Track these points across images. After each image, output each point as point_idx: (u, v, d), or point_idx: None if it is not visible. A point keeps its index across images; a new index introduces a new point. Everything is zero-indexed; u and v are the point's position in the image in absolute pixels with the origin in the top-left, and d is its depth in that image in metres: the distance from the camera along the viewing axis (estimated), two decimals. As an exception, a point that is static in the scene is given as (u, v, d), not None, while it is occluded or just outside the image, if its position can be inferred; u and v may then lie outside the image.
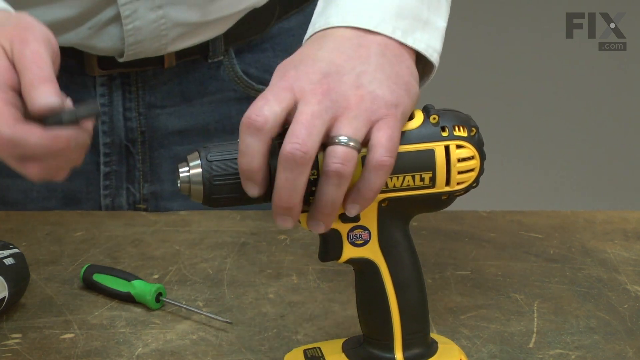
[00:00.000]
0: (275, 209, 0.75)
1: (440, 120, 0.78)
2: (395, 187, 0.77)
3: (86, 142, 0.78)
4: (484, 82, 3.20)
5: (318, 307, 0.97)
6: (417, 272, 0.81)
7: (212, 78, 1.18)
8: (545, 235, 1.13)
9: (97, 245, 1.09)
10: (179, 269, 1.04)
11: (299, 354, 0.84)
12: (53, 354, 0.88)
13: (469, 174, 0.79)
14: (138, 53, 1.10)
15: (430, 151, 0.77)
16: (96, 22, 1.07)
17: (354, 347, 0.83)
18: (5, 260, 0.93)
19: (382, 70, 0.77)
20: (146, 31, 1.08)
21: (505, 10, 3.36)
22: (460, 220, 1.15)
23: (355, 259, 0.80)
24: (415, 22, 0.81)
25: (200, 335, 0.92)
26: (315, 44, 0.79)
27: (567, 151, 3.19)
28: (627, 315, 0.96)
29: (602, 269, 1.05)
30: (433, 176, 0.78)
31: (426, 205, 0.80)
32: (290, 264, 1.05)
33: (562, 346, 0.90)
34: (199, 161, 0.76)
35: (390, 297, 0.80)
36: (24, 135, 0.75)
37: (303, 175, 0.73)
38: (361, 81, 0.76)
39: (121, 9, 1.06)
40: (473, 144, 0.79)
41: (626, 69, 3.29)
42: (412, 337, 0.81)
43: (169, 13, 1.08)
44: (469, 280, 1.02)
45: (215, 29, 1.14)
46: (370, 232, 0.79)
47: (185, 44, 1.13)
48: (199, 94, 1.18)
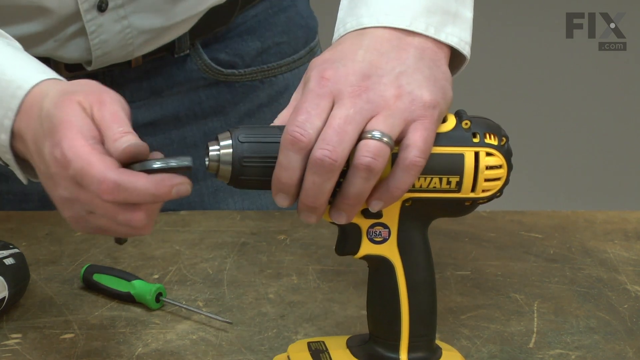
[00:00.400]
0: (301, 207, 0.76)
1: (472, 126, 0.78)
2: (422, 187, 0.78)
3: (188, 191, 0.76)
4: (483, 82, 3.20)
5: (318, 307, 0.97)
6: (431, 276, 0.81)
7: (179, 70, 1.18)
8: (545, 235, 1.13)
9: (97, 245, 1.09)
10: (179, 269, 1.04)
11: (303, 345, 0.84)
12: (53, 354, 0.88)
13: (495, 183, 0.79)
14: (105, 62, 1.10)
15: (460, 156, 0.78)
16: (61, 37, 1.07)
17: (359, 345, 0.83)
18: (5, 260, 0.93)
19: (420, 71, 0.77)
20: (113, 42, 1.08)
21: (505, 10, 3.35)
22: (460, 220, 1.15)
23: (371, 256, 0.80)
24: (446, 16, 0.81)
25: (200, 335, 0.92)
26: (354, 42, 0.79)
27: (567, 151, 3.19)
28: (627, 315, 0.95)
29: (602, 269, 1.05)
30: (460, 181, 0.78)
31: (448, 210, 0.80)
32: (290, 264, 1.05)
33: (562, 346, 0.90)
34: (230, 141, 0.76)
35: (402, 297, 0.80)
36: (130, 179, 0.75)
37: (331, 181, 0.74)
38: (400, 82, 0.76)
39: (86, 25, 1.05)
40: (502, 153, 0.79)
41: (626, 69, 3.29)
42: (419, 340, 0.81)
43: (133, 22, 1.08)
44: (469, 280, 1.02)
45: (179, 30, 1.14)
46: (390, 230, 0.79)
47: (152, 47, 1.12)
48: (168, 87, 1.18)
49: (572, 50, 3.12)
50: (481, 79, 3.21)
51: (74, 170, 0.76)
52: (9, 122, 0.83)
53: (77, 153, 0.76)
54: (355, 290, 1.00)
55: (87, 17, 1.05)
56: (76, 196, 0.78)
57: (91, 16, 1.05)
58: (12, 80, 0.84)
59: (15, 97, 0.83)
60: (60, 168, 0.77)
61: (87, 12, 1.05)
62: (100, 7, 1.05)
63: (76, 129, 0.77)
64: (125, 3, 1.06)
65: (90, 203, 0.77)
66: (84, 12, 1.05)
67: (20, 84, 0.83)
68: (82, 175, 0.76)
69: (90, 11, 1.05)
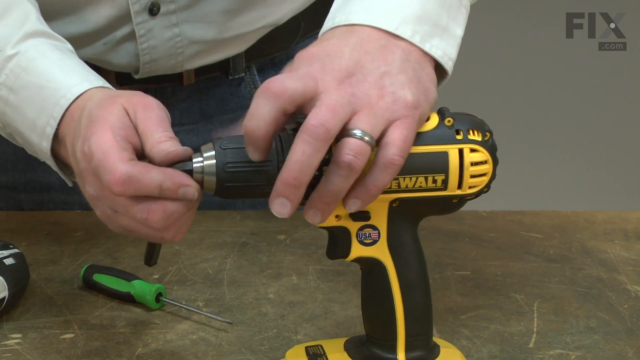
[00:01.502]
0: (279, 187, 0.73)
1: (455, 123, 0.78)
2: (408, 187, 0.77)
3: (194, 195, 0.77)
4: (483, 82, 3.20)
5: (318, 307, 0.97)
6: (423, 275, 0.81)
7: (232, 95, 1.17)
8: (545, 235, 1.13)
9: (97, 245, 1.09)
10: (179, 269, 1.04)
11: (301, 350, 0.84)
12: (53, 354, 0.88)
13: (481, 178, 0.79)
14: (153, 70, 1.09)
15: (444, 153, 0.77)
16: (111, 39, 1.06)
17: (356, 347, 0.83)
18: (5, 260, 0.94)
19: (404, 73, 0.77)
20: (161, 49, 1.07)
21: (505, 10, 3.35)
22: (460, 220, 1.15)
23: (363, 258, 0.80)
24: (435, 28, 0.81)
25: (200, 335, 0.92)
26: (341, 38, 0.79)
27: (567, 151, 3.19)
28: (627, 315, 0.96)
29: (602, 269, 1.05)
30: (446, 179, 0.78)
31: (436, 208, 0.80)
32: (290, 264, 1.05)
33: (562, 346, 0.90)
34: (212, 152, 0.76)
35: (395, 297, 0.80)
36: (141, 170, 0.75)
37: (320, 152, 0.72)
38: (384, 82, 0.76)
39: (136, 27, 1.05)
40: (487, 148, 0.79)
41: (626, 69, 3.29)
42: (415, 339, 0.81)
43: (185, 31, 1.07)
44: (469, 280, 1.02)
45: (234, 47, 1.13)
46: (379, 231, 0.79)
47: (203, 62, 1.12)
48: (219, 111, 1.17)
49: (572, 50, 3.12)
50: (481, 78, 3.21)
51: (94, 163, 0.77)
52: (51, 130, 0.85)
53: (100, 145, 0.77)
54: (355, 290, 1.00)
55: (137, 19, 1.05)
56: (100, 192, 0.78)
57: (142, 19, 1.05)
58: (57, 88, 0.85)
59: (59, 106, 0.84)
60: (86, 162, 0.78)
61: (137, 15, 1.04)
62: (152, 11, 1.05)
63: (109, 125, 0.78)
64: (178, 10, 1.06)
65: (111, 199, 0.77)
66: (135, 14, 1.04)
67: (65, 93, 0.85)
68: (97, 167, 0.76)
69: (141, 14, 1.04)
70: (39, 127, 0.86)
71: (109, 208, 0.79)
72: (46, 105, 0.85)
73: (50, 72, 0.87)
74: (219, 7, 1.07)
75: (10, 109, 0.88)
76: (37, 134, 0.86)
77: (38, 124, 0.86)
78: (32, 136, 0.87)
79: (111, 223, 0.81)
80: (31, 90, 0.87)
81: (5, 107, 0.88)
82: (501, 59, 3.33)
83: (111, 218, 0.80)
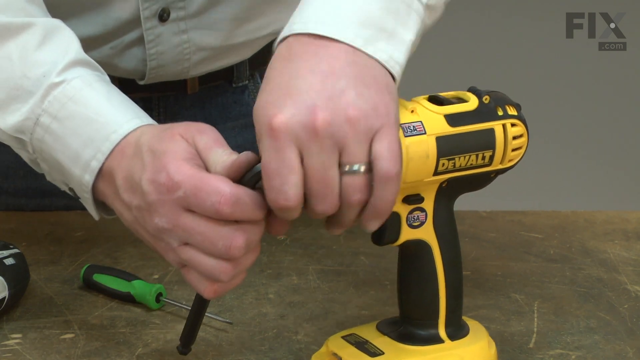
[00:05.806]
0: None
1: (491, 100, 0.81)
2: (461, 166, 0.80)
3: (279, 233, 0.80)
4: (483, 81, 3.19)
5: (318, 307, 0.97)
6: (459, 251, 0.84)
7: (236, 103, 1.17)
8: (545, 235, 1.13)
9: (97, 245, 1.09)
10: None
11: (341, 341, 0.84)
12: (53, 354, 0.88)
13: (519, 152, 0.83)
14: (160, 76, 1.09)
15: (491, 130, 0.81)
16: (119, 43, 1.06)
17: (394, 329, 0.84)
18: (5, 260, 0.94)
19: (361, 79, 0.75)
20: (169, 55, 1.07)
21: (505, 10, 3.35)
22: (460, 220, 1.14)
23: (410, 241, 0.81)
24: (379, 33, 0.78)
25: (200, 335, 0.92)
26: (284, 70, 0.76)
27: (566, 151, 3.19)
28: (627, 315, 0.96)
29: (602, 269, 1.05)
30: (492, 154, 0.81)
31: (475, 184, 0.82)
32: (290, 264, 1.05)
33: (562, 346, 0.90)
34: None
35: (439, 276, 0.82)
36: (246, 192, 0.76)
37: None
38: (348, 100, 0.74)
39: (145, 32, 1.05)
40: (523, 122, 0.83)
41: (626, 69, 3.29)
42: (452, 315, 0.83)
43: (193, 37, 1.07)
44: (469, 280, 1.02)
45: (239, 54, 1.13)
46: (427, 213, 0.81)
47: (208, 68, 1.11)
48: (222, 119, 1.17)
49: (572, 50, 3.12)
50: (481, 78, 3.20)
51: (184, 191, 0.76)
52: (97, 164, 0.83)
53: (187, 174, 0.77)
54: (355, 290, 1.00)
55: (147, 24, 1.04)
56: (175, 223, 0.77)
57: (151, 24, 1.04)
58: (107, 123, 0.84)
59: (109, 141, 0.83)
60: (163, 193, 0.77)
61: (147, 20, 1.04)
62: (162, 17, 1.04)
63: (180, 156, 0.78)
64: (187, 17, 1.05)
65: (189, 230, 0.77)
66: (145, 19, 1.04)
67: (116, 129, 0.83)
68: (195, 193, 0.76)
69: (151, 19, 1.04)
70: (84, 160, 0.83)
71: (178, 241, 0.78)
72: (94, 138, 0.83)
73: (99, 105, 0.85)
74: (228, 15, 1.07)
75: (51, 137, 0.85)
76: (80, 167, 0.84)
77: (83, 157, 0.84)
78: (73, 168, 0.84)
79: (172, 256, 0.80)
80: (77, 121, 0.84)
81: (44, 134, 0.85)
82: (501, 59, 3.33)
83: (174, 251, 0.79)
